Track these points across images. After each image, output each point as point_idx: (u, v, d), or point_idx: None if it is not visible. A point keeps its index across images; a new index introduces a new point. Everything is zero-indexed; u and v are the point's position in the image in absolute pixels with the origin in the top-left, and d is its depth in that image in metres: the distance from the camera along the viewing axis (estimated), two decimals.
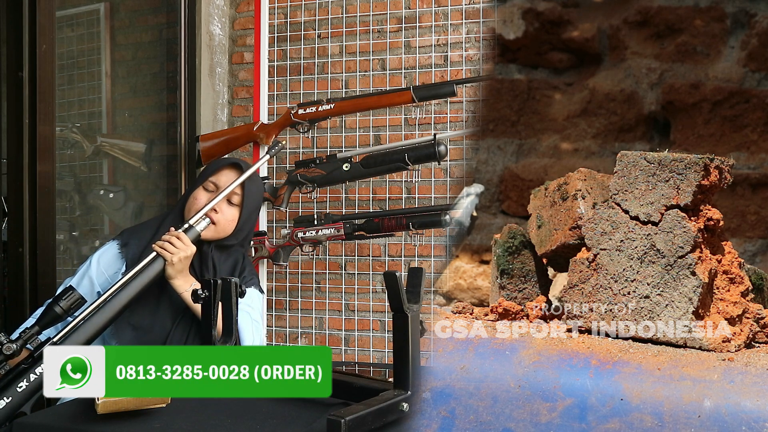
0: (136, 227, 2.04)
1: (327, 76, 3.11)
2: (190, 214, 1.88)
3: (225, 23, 3.35)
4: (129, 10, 3.37)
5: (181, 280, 1.79)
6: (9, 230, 2.39)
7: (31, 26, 2.37)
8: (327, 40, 3.13)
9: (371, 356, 3.03)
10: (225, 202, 1.91)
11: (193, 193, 1.95)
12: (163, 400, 1.36)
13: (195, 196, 1.94)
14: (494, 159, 2.00)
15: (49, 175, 2.42)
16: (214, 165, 2.02)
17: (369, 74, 3.06)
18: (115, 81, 3.23)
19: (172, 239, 1.77)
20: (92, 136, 3.06)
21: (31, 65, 2.36)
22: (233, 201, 1.94)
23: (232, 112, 3.36)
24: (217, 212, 1.90)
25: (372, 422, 1.23)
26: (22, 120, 2.36)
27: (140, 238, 1.94)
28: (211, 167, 2.01)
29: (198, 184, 1.98)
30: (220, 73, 3.33)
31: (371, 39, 3.06)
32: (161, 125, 3.30)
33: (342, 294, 3.08)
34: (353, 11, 3.08)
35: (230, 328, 1.72)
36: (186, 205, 1.95)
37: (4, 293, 2.40)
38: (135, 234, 1.97)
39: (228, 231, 1.94)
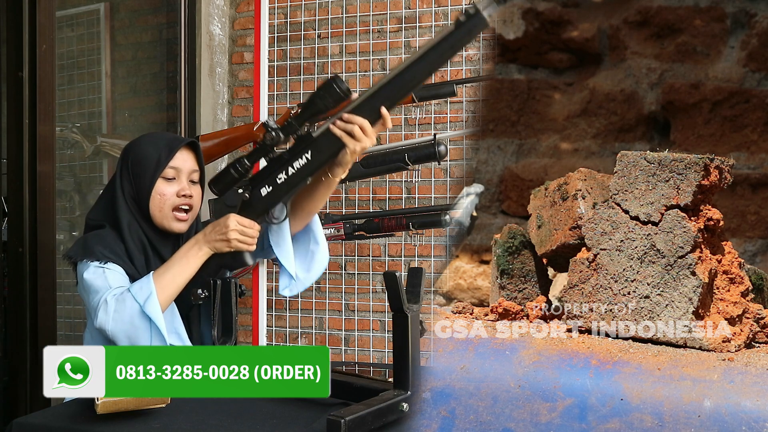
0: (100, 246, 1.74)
1: (327, 76, 3.11)
2: (163, 212, 1.74)
3: (225, 23, 3.35)
4: (129, 10, 3.37)
5: (343, 172, 1.66)
6: (9, 230, 2.39)
7: (31, 26, 2.36)
8: (327, 40, 3.13)
9: (371, 356, 3.03)
10: (189, 184, 1.78)
11: (157, 189, 1.75)
12: (163, 400, 1.36)
13: (161, 192, 1.75)
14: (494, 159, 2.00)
15: (49, 175, 2.41)
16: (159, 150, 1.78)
17: (369, 74, 3.06)
18: (115, 81, 3.23)
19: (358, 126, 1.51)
20: (92, 136, 3.06)
21: (31, 65, 2.36)
22: (195, 179, 1.80)
23: (232, 112, 3.36)
24: (192, 196, 1.78)
25: (372, 422, 1.24)
26: (22, 120, 2.36)
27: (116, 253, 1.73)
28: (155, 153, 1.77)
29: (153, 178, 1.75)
30: (220, 73, 3.33)
31: (371, 39, 3.06)
32: (161, 125, 3.31)
33: (342, 294, 3.08)
34: (353, 11, 3.08)
35: (230, 328, 1.72)
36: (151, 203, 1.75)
37: (4, 293, 2.40)
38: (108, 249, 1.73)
39: (197, 212, 1.83)
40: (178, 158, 1.77)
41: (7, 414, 2.36)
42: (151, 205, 1.76)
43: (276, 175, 1.58)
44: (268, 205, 1.61)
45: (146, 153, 1.78)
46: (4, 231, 2.41)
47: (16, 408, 2.34)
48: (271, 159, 1.58)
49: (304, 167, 1.55)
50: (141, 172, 1.76)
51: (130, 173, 1.77)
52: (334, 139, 1.52)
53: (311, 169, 1.57)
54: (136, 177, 1.76)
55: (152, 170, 1.76)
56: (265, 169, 1.60)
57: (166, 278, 1.64)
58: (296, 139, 1.55)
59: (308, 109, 1.52)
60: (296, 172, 1.56)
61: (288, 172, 1.56)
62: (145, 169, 1.76)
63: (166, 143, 1.79)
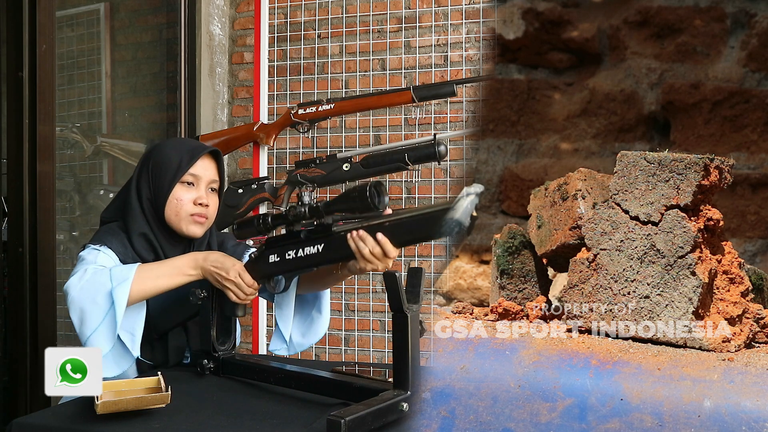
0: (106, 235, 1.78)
1: (327, 76, 3.11)
2: (180, 215, 1.75)
3: (225, 23, 3.35)
4: (129, 10, 3.37)
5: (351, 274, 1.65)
6: (9, 230, 2.39)
7: (31, 26, 2.36)
8: (327, 40, 3.13)
9: (371, 356, 3.03)
10: (209, 192, 1.79)
11: (174, 194, 1.76)
12: (163, 400, 1.36)
13: (178, 197, 1.76)
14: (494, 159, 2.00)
15: (49, 175, 2.41)
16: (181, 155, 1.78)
17: (369, 74, 3.06)
18: (115, 81, 3.23)
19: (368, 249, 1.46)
20: (92, 136, 3.06)
21: (31, 65, 2.36)
22: (214, 188, 1.81)
23: (232, 112, 3.36)
24: (208, 206, 1.79)
25: (372, 422, 1.23)
26: (22, 120, 2.35)
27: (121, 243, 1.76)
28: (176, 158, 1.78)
29: (172, 182, 1.77)
30: (220, 73, 3.33)
31: (371, 39, 3.06)
32: (161, 125, 3.31)
33: (342, 294, 3.08)
34: (353, 11, 3.08)
35: (228, 329, 1.72)
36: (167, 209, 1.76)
37: (4, 293, 2.40)
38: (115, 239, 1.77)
39: (212, 221, 1.84)
40: (198, 165, 1.78)
41: (7, 414, 2.36)
42: (167, 209, 1.76)
43: (287, 249, 1.56)
44: (271, 272, 1.61)
45: (168, 156, 1.79)
46: (4, 231, 2.41)
47: (16, 408, 2.34)
48: (290, 231, 1.56)
49: (313, 256, 1.53)
50: (161, 175, 1.77)
51: (150, 175, 1.78)
52: (346, 247, 1.48)
53: (320, 261, 1.54)
54: (155, 179, 1.77)
55: (172, 174, 1.76)
56: (282, 238, 1.58)
57: (149, 274, 1.64)
58: (317, 225, 1.52)
59: (339, 203, 1.48)
60: (305, 257, 1.54)
61: (298, 253, 1.54)
62: (165, 172, 1.77)
63: (188, 149, 1.81)
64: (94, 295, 1.61)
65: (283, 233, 1.59)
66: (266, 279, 1.63)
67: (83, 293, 1.61)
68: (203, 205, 1.77)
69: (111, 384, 1.43)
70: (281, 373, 1.58)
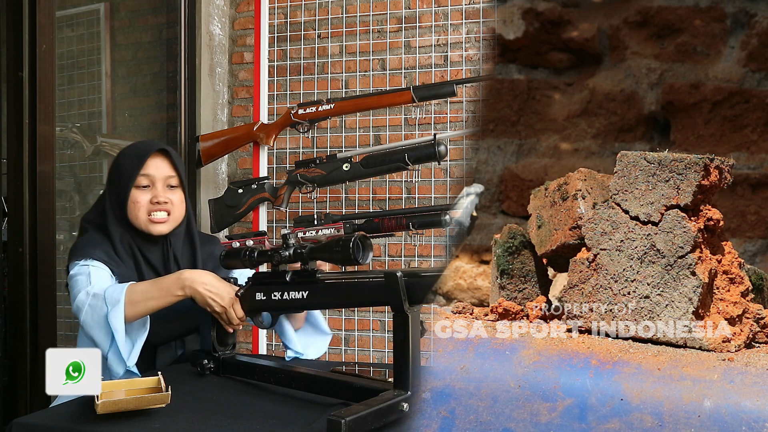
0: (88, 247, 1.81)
1: (327, 76, 3.11)
2: (140, 218, 1.80)
3: (225, 23, 3.35)
4: (129, 10, 3.37)
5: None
6: (9, 230, 2.39)
7: (31, 26, 2.36)
8: (327, 40, 3.13)
9: (371, 356, 3.03)
10: (167, 189, 1.83)
11: (132, 198, 1.81)
12: (163, 400, 1.36)
13: (135, 200, 1.81)
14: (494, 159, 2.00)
15: (49, 175, 2.41)
16: (131, 160, 1.83)
17: (369, 74, 3.06)
18: (115, 81, 3.23)
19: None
20: (92, 136, 3.06)
21: (31, 65, 2.36)
22: (173, 183, 1.85)
23: (232, 112, 3.36)
24: (167, 202, 1.82)
25: (372, 422, 1.24)
26: (22, 120, 2.36)
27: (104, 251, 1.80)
28: (128, 163, 1.83)
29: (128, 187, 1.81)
30: (220, 73, 3.33)
31: (371, 39, 3.06)
32: (161, 125, 3.30)
33: None
34: (353, 11, 3.08)
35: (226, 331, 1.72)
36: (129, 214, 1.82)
37: (4, 293, 2.40)
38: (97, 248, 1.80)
39: (181, 215, 1.86)
40: (150, 166, 1.83)
41: (7, 414, 2.36)
42: (129, 213, 1.82)
43: (273, 290, 1.57)
44: (256, 308, 1.63)
45: (122, 163, 1.86)
46: (4, 231, 2.41)
47: (16, 408, 2.34)
48: (275, 271, 1.58)
49: (297, 301, 1.54)
50: (118, 182, 1.83)
51: (111, 183, 1.85)
52: (330, 295, 1.50)
53: (304, 306, 1.57)
54: (114, 186, 1.84)
55: (126, 179, 1.82)
56: (269, 276, 1.60)
57: (138, 295, 1.66)
58: (302, 270, 1.53)
59: (323, 252, 1.49)
60: (289, 301, 1.55)
61: (283, 295, 1.55)
62: (120, 179, 1.83)
63: (137, 153, 1.85)
64: (99, 319, 1.66)
65: (269, 272, 1.61)
66: (252, 313, 1.66)
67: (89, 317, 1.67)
68: (161, 203, 1.81)
69: (111, 384, 1.43)
70: (281, 373, 1.58)
